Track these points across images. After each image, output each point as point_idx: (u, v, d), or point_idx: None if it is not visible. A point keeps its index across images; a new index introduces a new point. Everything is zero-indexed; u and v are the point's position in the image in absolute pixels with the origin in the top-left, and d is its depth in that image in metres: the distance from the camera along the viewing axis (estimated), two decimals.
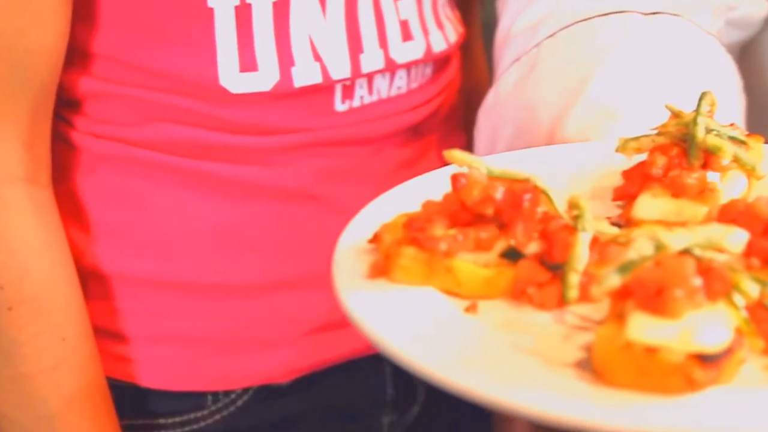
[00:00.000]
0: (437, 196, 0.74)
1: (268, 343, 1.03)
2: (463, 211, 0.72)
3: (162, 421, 1.04)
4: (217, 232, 1.01)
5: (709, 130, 0.80)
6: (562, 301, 0.70)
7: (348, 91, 1.00)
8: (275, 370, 1.04)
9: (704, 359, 0.60)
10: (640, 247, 0.63)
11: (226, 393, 1.04)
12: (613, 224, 0.78)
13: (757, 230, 0.71)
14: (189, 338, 1.02)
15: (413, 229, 0.71)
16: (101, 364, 0.99)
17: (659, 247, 0.63)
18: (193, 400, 1.03)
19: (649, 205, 0.78)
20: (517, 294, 0.72)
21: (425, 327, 0.67)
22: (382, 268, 0.71)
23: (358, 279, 0.71)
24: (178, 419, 1.04)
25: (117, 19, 0.95)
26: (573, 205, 0.73)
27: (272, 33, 0.96)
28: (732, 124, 0.83)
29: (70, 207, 1.00)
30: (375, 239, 0.74)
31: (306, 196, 1.02)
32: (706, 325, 0.61)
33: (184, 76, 0.95)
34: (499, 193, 0.72)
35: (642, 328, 0.61)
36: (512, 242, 0.72)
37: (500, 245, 0.73)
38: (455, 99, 1.14)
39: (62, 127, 1.00)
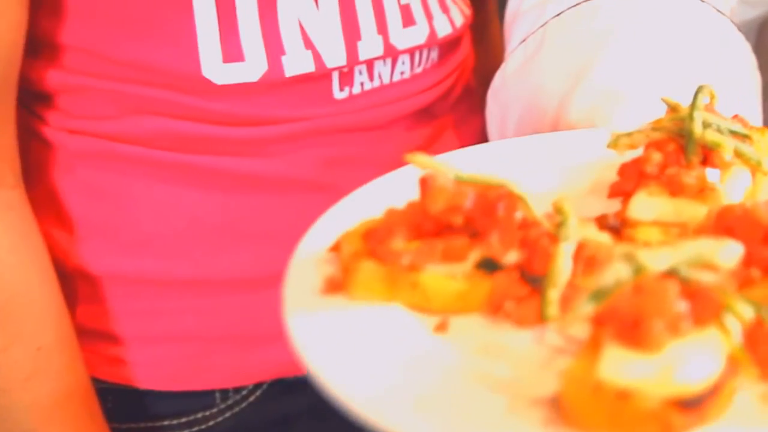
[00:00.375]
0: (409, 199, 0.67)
1: (278, 336, 0.99)
2: (430, 220, 0.65)
3: (167, 422, 1.00)
4: (208, 226, 0.97)
5: (707, 125, 0.73)
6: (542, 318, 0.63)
7: (346, 78, 0.96)
8: (289, 363, 1.00)
9: (684, 404, 0.53)
10: (617, 269, 0.56)
11: (237, 390, 1.00)
12: (609, 226, 0.71)
13: (756, 237, 0.64)
14: (189, 336, 0.98)
15: (373, 241, 0.65)
16: (85, 369, 0.95)
17: (638, 270, 0.56)
18: (200, 399, 1.00)
19: (645, 204, 0.71)
20: (494, 309, 0.65)
21: (379, 362, 0.60)
22: (339, 283, 0.65)
23: (310, 296, 0.64)
24: (184, 420, 1.00)
25: (87, 8, 0.90)
26: (556, 210, 0.66)
27: (258, 21, 0.91)
28: (735, 116, 0.76)
29: (50, 207, 0.96)
30: (336, 248, 0.67)
31: (310, 185, 0.98)
32: (692, 358, 0.54)
33: (164, 68, 0.90)
34: (468, 201, 0.65)
35: (616, 365, 0.54)
36: (489, 251, 0.65)
37: (475, 255, 0.66)
38: (469, 79, 1.10)
39: (35, 123, 0.96)
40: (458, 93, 1.07)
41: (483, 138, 1.08)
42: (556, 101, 0.91)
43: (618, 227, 0.71)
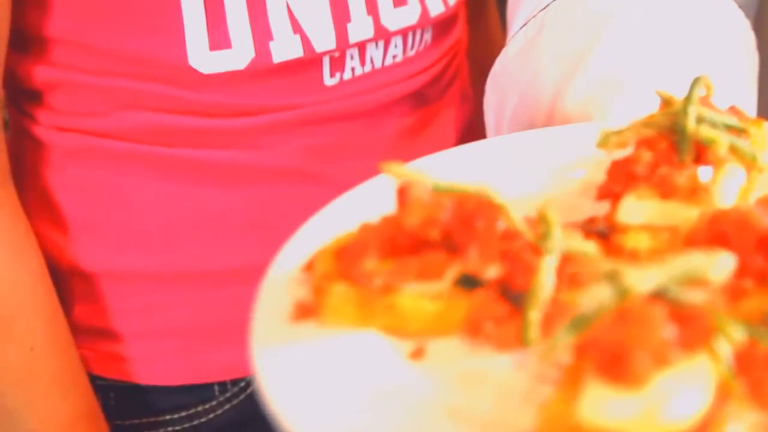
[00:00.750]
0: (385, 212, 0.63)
1: None
2: (406, 235, 0.61)
3: (168, 417, 1.00)
4: (202, 219, 0.95)
5: (701, 120, 0.68)
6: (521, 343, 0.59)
7: (337, 64, 0.93)
8: None
9: None
10: (599, 292, 0.52)
11: (235, 381, 1.00)
12: (597, 232, 0.67)
13: (749, 244, 0.60)
14: (184, 331, 0.97)
15: (344, 261, 0.61)
16: (83, 368, 0.94)
17: (622, 292, 0.52)
18: (198, 392, 0.99)
19: (634, 208, 0.68)
20: (473, 330, 0.61)
21: (349, 400, 0.56)
22: (310, 308, 0.61)
23: (278, 323, 0.60)
24: (184, 414, 1.00)
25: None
26: (540, 219, 0.62)
27: (245, 6, 0.89)
28: (731, 108, 0.71)
29: (44, 207, 0.95)
30: (309, 267, 0.64)
31: (301, 175, 0.96)
32: (679, 391, 0.51)
33: (150, 59, 0.89)
34: (446, 213, 0.61)
35: (598, 402, 0.50)
36: (467, 267, 0.62)
37: (453, 271, 0.62)
38: (461, 62, 1.07)
39: (25, 122, 0.95)
40: (450, 76, 1.04)
41: (475, 123, 1.05)
42: (552, 90, 0.88)
43: (606, 233, 0.67)
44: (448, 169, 0.74)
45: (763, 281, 0.59)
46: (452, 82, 1.04)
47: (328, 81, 0.94)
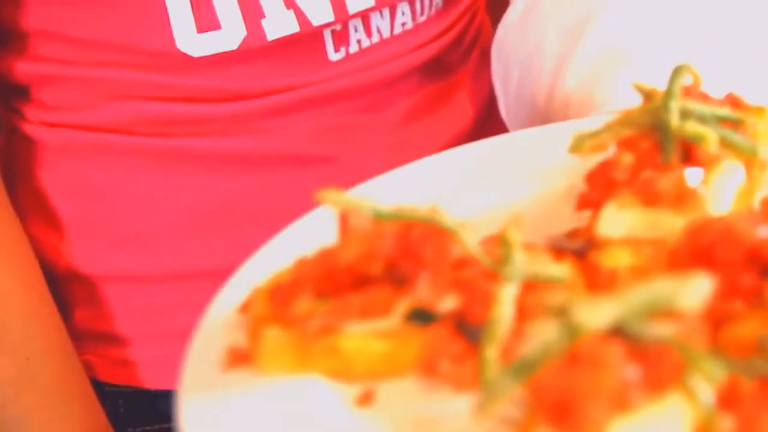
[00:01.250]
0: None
1: None
2: (343, 271, 0.55)
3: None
4: (205, 213, 0.91)
5: (687, 114, 0.61)
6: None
7: (341, 37, 0.88)
8: None
9: None
10: (545, 332, 0.45)
11: None
12: (572, 250, 0.60)
13: (736, 259, 0.52)
14: (191, 333, 0.91)
15: (277, 302, 0.54)
16: (84, 375, 0.90)
17: (572, 330, 0.45)
18: None
19: (615, 219, 0.60)
20: (428, 370, 0.54)
21: None
22: (244, 354, 0.55)
23: (210, 371, 0.54)
24: None
25: None
26: (500, 240, 0.55)
27: None
28: (728, 96, 0.64)
29: (38, 208, 0.92)
30: (246, 308, 0.57)
31: (305, 159, 0.90)
32: None
33: (135, 46, 0.86)
34: (388, 242, 0.54)
35: None
36: (419, 300, 0.55)
37: (403, 305, 0.55)
38: (483, 20, 1.00)
39: (15, 119, 0.92)
40: (470, 39, 0.97)
41: None
42: (552, 64, 0.81)
43: (583, 250, 0.59)
44: (416, 179, 0.68)
45: (754, 302, 0.51)
46: (473, 46, 0.98)
47: (333, 56, 0.88)
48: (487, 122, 0.97)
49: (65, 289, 0.92)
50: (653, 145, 0.61)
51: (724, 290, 0.51)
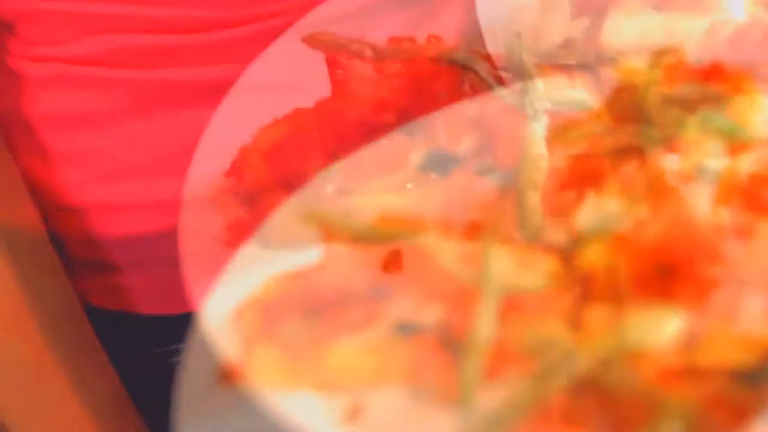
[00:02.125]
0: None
1: None
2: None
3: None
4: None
5: (666, 100, 0.60)
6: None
7: None
8: None
9: None
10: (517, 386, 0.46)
11: None
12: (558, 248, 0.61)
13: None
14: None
15: (267, 320, 0.56)
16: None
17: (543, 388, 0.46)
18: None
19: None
20: (414, 381, 0.56)
21: None
22: (235, 371, 0.57)
23: (203, 389, 0.56)
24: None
25: None
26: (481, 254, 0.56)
27: None
28: (712, 65, 0.63)
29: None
30: (239, 317, 0.59)
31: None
32: None
33: None
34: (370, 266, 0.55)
35: None
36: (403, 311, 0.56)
37: (389, 317, 0.57)
38: None
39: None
40: None
41: None
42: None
43: (568, 249, 0.60)
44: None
45: None
46: None
47: None
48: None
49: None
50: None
51: None
